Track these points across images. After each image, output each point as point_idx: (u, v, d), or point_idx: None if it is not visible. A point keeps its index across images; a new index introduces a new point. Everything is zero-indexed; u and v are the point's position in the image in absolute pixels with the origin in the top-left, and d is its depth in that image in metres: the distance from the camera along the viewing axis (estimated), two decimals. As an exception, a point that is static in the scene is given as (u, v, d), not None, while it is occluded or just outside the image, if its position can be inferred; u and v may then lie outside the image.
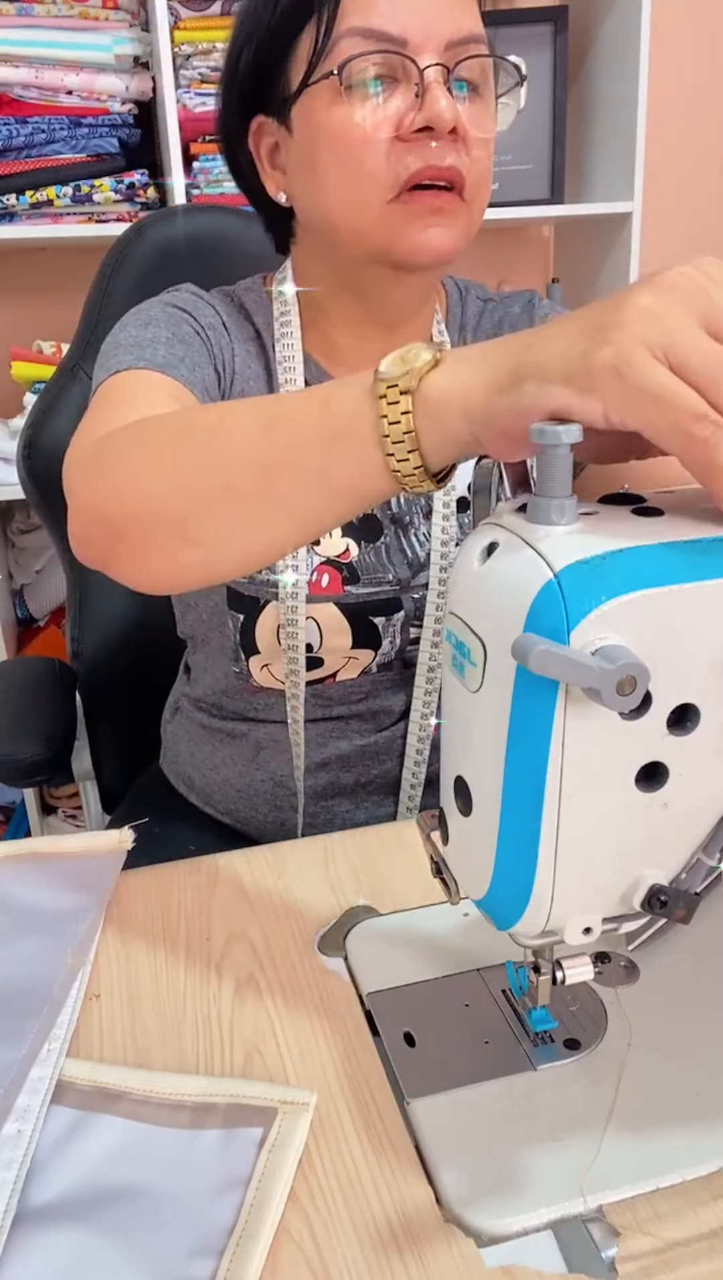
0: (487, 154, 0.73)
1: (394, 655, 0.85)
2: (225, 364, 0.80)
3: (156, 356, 0.72)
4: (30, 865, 0.69)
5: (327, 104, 0.70)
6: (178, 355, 0.74)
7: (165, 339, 0.75)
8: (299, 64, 0.71)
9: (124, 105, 1.65)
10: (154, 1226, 0.44)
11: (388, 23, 0.68)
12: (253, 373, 0.82)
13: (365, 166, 0.69)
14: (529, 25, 1.79)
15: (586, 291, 1.99)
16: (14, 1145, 0.48)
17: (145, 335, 0.74)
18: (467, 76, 0.71)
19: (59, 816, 1.91)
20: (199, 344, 0.77)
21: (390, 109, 0.69)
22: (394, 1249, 0.44)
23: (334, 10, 0.69)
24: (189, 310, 0.80)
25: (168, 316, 0.78)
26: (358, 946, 0.61)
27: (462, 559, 0.42)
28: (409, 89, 0.69)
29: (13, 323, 1.88)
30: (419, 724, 0.87)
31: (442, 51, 0.69)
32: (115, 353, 0.73)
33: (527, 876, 0.40)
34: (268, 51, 0.73)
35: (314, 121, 0.71)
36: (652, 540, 0.38)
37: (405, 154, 0.69)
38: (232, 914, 0.65)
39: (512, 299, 0.91)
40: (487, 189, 0.75)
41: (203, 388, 0.74)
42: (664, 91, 1.97)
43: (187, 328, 0.78)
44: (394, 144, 0.69)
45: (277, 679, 0.84)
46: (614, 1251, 0.43)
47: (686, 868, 0.43)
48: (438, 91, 0.68)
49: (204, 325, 0.79)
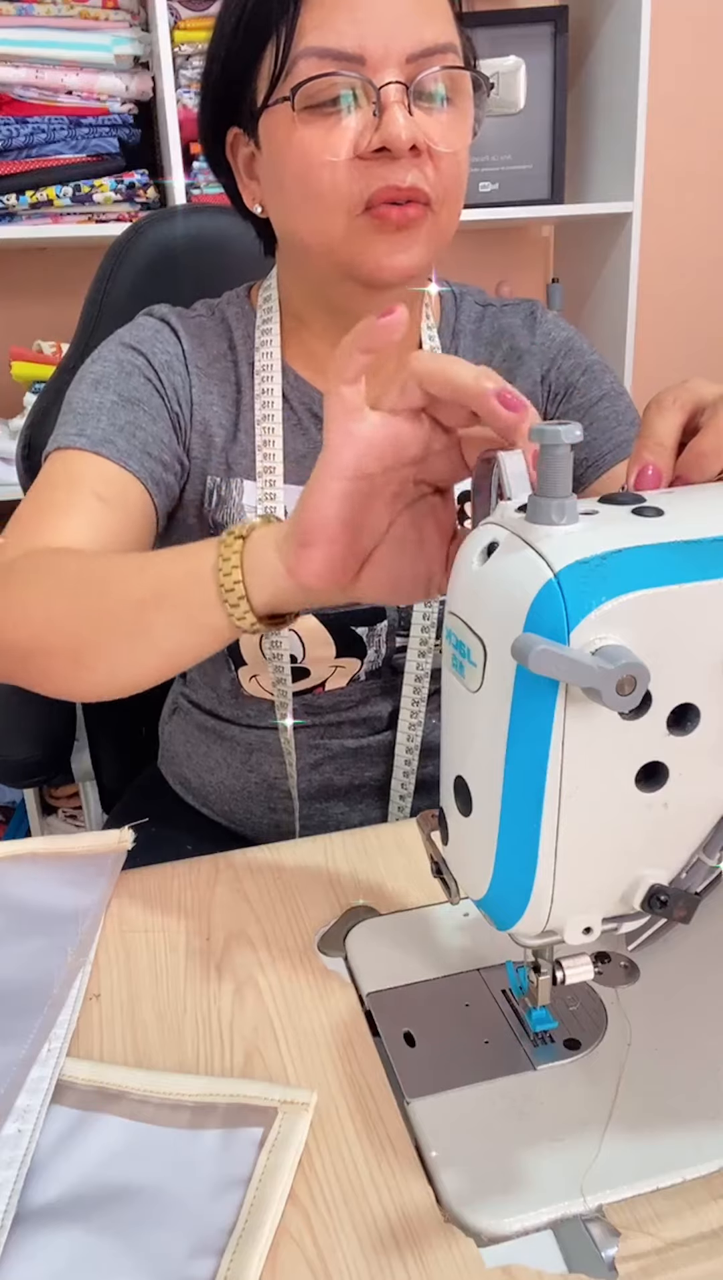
0: (456, 164, 0.71)
1: (382, 663, 0.85)
2: (181, 400, 0.81)
3: (98, 430, 0.76)
4: (30, 865, 0.69)
5: (287, 124, 0.69)
6: (118, 425, 0.77)
7: (110, 405, 0.77)
8: (263, 82, 0.70)
9: (124, 105, 1.65)
10: (154, 1226, 0.44)
11: (345, 41, 0.66)
12: (216, 395, 0.82)
13: (325, 187, 0.69)
14: (529, 25, 1.79)
15: (586, 292, 1.99)
16: (14, 1145, 0.48)
17: (93, 400, 0.78)
18: (432, 89, 0.69)
19: (59, 816, 1.91)
20: (148, 392, 0.79)
21: (348, 130, 0.68)
22: (394, 1249, 0.44)
23: (291, 30, 0.67)
24: (144, 351, 0.81)
25: (120, 369, 0.80)
26: (358, 946, 0.61)
27: (462, 559, 0.42)
28: (368, 108, 0.68)
29: (13, 323, 1.88)
30: (407, 733, 0.87)
31: (402, 66, 0.67)
32: (67, 414, 0.78)
33: (527, 876, 0.40)
34: (234, 69, 0.73)
35: (277, 140, 0.71)
36: (652, 540, 0.38)
37: (364, 173, 0.68)
38: (232, 914, 0.65)
39: (514, 308, 0.90)
40: (457, 199, 0.73)
41: (141, 453, 0.77)
42: (664, 91, 1.98)
43: (137, 379, 0.79)
44: (354, 163, 0.68)
45: (265, 689, 0.85)
46: (614, 1251, 0.43)
47: (686, 868, 0.43)
48: (396, 111, 0.66)
49: (158, 366, 0.80)
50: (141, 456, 0.77)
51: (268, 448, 0.81)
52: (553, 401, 0.88)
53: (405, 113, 0.67)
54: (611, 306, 1.91)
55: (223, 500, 0.83)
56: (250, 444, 0.82)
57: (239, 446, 0.82)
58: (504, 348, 0.88)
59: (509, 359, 0.88)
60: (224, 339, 0.84)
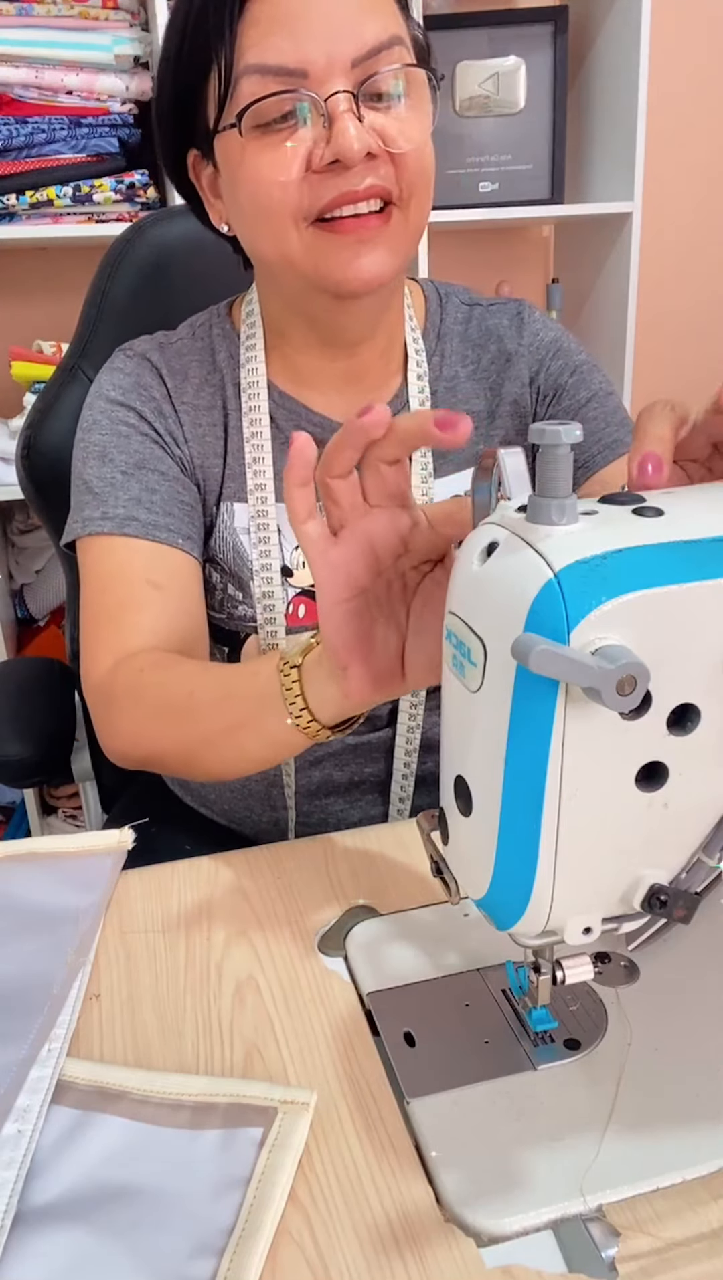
0: (419, 159, 0.69)
1: None
2: (178, 440, 0.82)
3: (118, 508, 0.78)
4: (30, 865, 0.69)
5: (238, 147, 0.69)
6: (134, 496, 0.79)
7: (121, 477, 0.79)
8: (211, 105, 0.70)
9: (124, 105, 1.65)
10: (154, 1226, 0.44)
11: (285, 56, 0.65)
12: (206, 425, 0.83)
13: (280, 204, 0.68)
14: (529, 25, 1.79)
15: (585, 292, 1.99)
16: (14, 1145, 0.48)
17: (104, 475, 0.80)
18: (384, 89, 0.68)
19: (59, 816, 1.92)
20: (150, 449, 0.81)
21: (300, 146, 0.67)
22: (394, 1249, 0.44)
23: (231, 51, 0.67)
24: (133, 405, 0.81)
25: (117, 435, 0.81)
26: (358, 946, 0.61)
27: (462, 559, 0.42)
28: (318, 121, 0.66)
29: (13, 323, 1.88)
30: (406, 734, 0.87)
31: (348, 72, 0.66)
32: (84, 494, 0.80)
33: (527, 876, 0.40)
34: (182, 93, 0.72)
35: (231, 162, 0.70)
36: (652, 540, 0.38)
37: (319, 186, 0.67)
38: (232, 914, 0.65)
39: (501, 308, 0.89)
40: (425, 192, 0.72)
41: (164, 516, 0.79)
42: (664, 91, 1.98)
43: (135, 440, 0.81)
44: (308, 177, 0.67)
45: None
46: (614, 1251, 0.43)
47: (686, 868, 0.43)
48: (345, 121, 0.65)
49: (150, 416, 0.81)
50: (166, 520, 0.78)
51: (258, 464, 0.81)
52: (542, 403, 0.88)
53: (356, 121, 0.65)
54: (611, 306, 1.91)
55: (214, 527, 0.83)
56: (239, 466, 0.82)
57: (229, 470, 0.83)
58: (492, 350, 0.88)
59: (497, 361, 0.87)
60: (207, 362, 0.84)
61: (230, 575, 0.84)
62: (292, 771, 0.87)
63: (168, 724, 0.70)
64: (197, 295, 0.92)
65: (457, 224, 1.79)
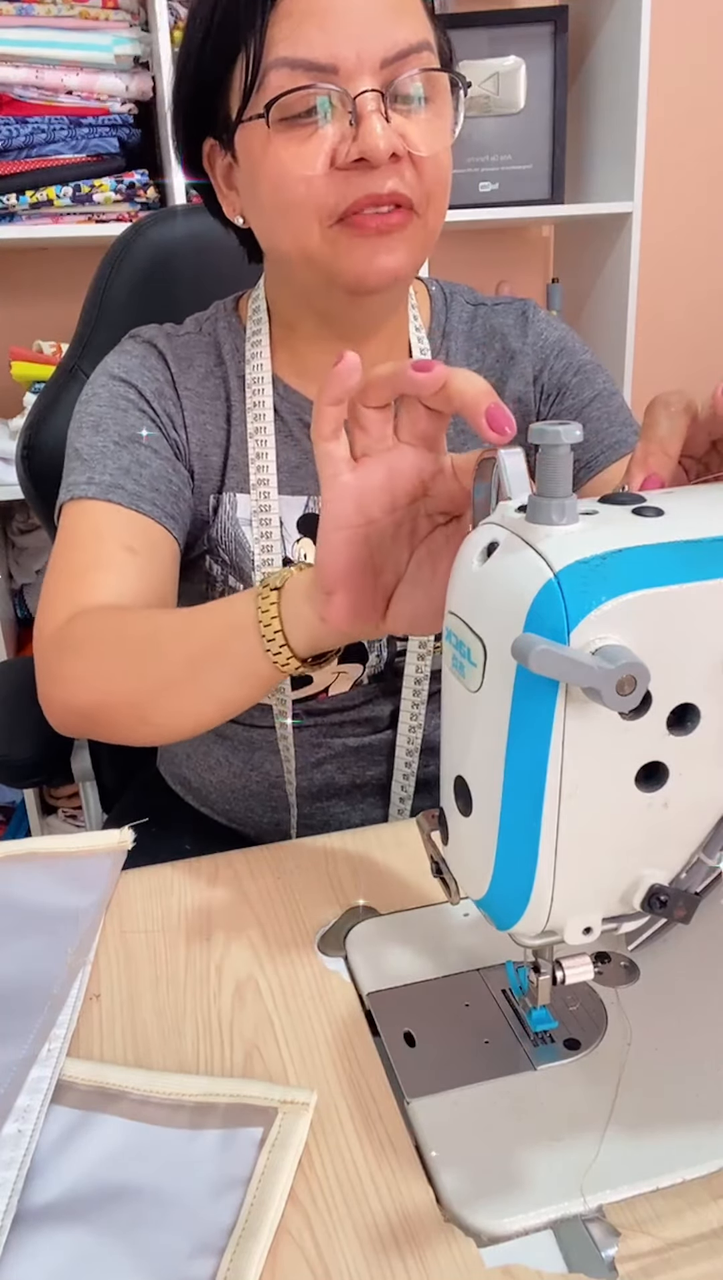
0: (438, 166, 0.70)
1: (383, 666, 0.85)
2: (177, 425, 0.82)
3: (105, 475, 0.77)
4: (30, 865, 0.69)
5: (262, 139, 0.68)
6: (123, 467, 0.78)
7: (113, 447, 0.79)
8: (235, 95, 0.70)
9: (124, 105, 1.65)
10: (154, 1226, 0.44)
11: (316, 51, 0.65)
12: (208, 415, 0.83)
13: (303, 200, 0.68)
14: (529, 25, 1.79)
15: (585, 292, 1.99)
16: (14, 1145, 0.48)
17: (95, 444, 0.79)
18: (410, 92, 0.68)
19: (59, 816, 1.92)
20: (145, 421, 0.81)
21: (324, 142, 0.67)
22: (394, 1249, 0.44)
23: (261, 43, 0.66)
24: (135, 382, 0.81)
25: (115, 407, 0.80)
26: (358, 946, 0.61)
27: (462, 559, 0.42)
28: (344, 118, 0.67)
29: (13, 323, 1.88)
30: (407, 735, 0.87)
31: (377, 72, 0.66)
32: (74, 461, 0.79)
33: (527, 876, 0.40)
34: (205, 83, 0.72)
35: (254, 154, 0.70)
36: (652, 540, 0.38)
37: (343, 184, 0.67)
38: (232, 914, 0.65)
39: (506, 307, 0.89)
40: (442, 200, 0.72)
41: (150, 491, 0.78)
42: (664, 91, 1.98)
43: (133, 414, 0.80)
44: (332, 174, 0.67)
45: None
46: (614, 1251, 0.43)
47: (686, 868, 0.43)
48: (373, 121, 0.65)
49: (150, 396, 0.81)
50: (152, 495, 0.78)
51: (261, 459, 0.81)
52: (546, 402, 0.88)
53: (382, 121, 0.66)
54: (610, 306, 1.91)
55: (217, 517, 0.83)
56: (242, 458, 0.82)
57: (231, 461, 0.83)
58: (496, 348, 0.88)
59: (501, 360, 0.87)
60: (212, 355, 0.84)
61: (231, 566, 0.84)
62: (293, 772, 0.87)
63: (125, 663, 0.67)
64: (196, 295, 0.92)
65: (457, 224, 1.79)
